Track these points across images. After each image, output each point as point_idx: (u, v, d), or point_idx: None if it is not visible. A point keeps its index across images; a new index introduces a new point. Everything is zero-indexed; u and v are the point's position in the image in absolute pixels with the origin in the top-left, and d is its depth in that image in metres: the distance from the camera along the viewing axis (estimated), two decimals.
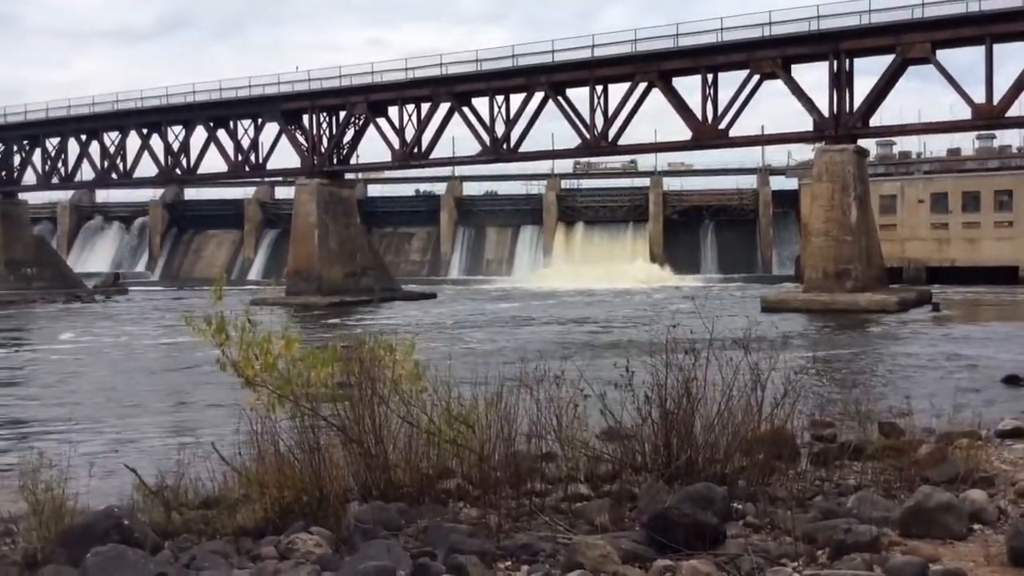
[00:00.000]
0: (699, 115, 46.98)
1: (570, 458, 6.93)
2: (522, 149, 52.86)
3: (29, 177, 68.66)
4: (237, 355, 6.64)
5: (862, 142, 46.00)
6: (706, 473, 6.33)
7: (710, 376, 6.74)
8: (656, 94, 48.23)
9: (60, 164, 66.53)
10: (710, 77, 46.60)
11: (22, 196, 71.23)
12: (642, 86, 48.14)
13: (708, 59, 46.16)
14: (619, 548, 4.70)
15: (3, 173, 68.17)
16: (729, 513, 5.54)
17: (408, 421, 6.79)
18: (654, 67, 47.27)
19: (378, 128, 55.77)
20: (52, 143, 66.45)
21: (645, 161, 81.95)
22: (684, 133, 48.32)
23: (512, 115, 51.86)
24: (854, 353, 24.49)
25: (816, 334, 30.88)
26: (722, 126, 46.59)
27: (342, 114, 56.90)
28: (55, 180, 67.87)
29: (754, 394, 6.65)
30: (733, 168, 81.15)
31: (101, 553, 4.30)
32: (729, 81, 47.63)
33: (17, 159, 68.30)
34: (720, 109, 46.64)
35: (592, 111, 49.54)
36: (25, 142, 67.41)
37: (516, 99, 51.86)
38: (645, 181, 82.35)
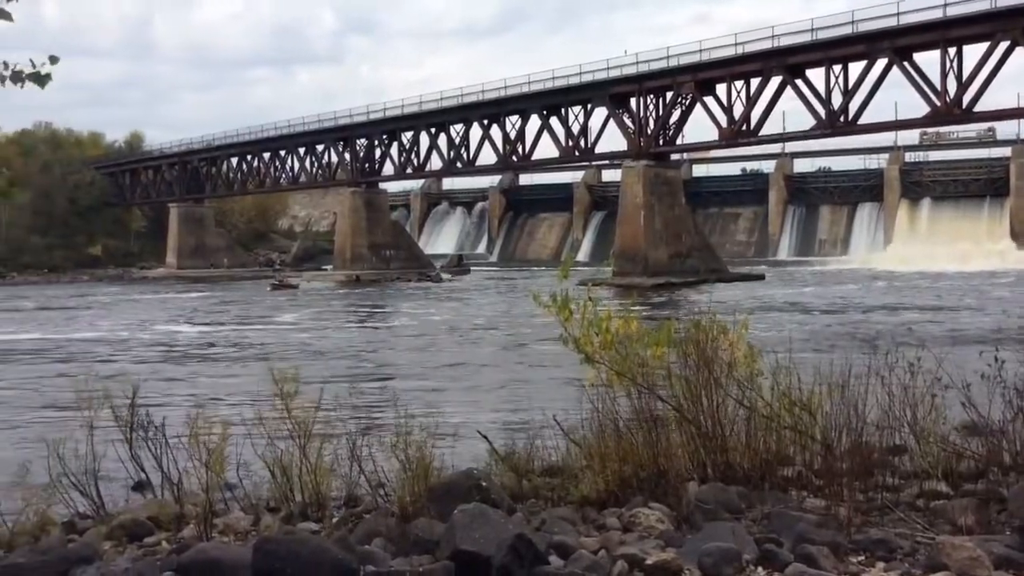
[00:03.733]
0: None
1: (926, 453, 6.45)
2: (861, 121, 49.55)
3: (387, 169, 76.28)
4: (578, 332, 6.86)
5: None
6: None
7: None
8: (1020, 53, 42.93)
9: (413, 155, 73.08)
10: None
11: (382, 186, 79.18)
12: (1003, 46, 43.04)
13: None
14: (989, 552, 4.31)
15: (367, 165, 76.24)
16: None
17: (744, 404, 6.68)
18: (1020, 23, 42.07)
19: (705, 107, 55.00)
20: (406, 137, 73.13)
21: (1005, 129, 73.33)
22: None
23: (850, 85, 48.79)
24: None
25: None
26: None
27: (668, 95, 56.78)
28: (408, 170, 74.76)
29: None
30: None
31: (467, 511, 4.70)
32: None
33: (378, 152, 76.02)
34: None
35: (943, 76, 45.22)
36: (384, 136, 74.83)
37: (854, 68, 48.74)
38: (1006, 151, 73.75)
